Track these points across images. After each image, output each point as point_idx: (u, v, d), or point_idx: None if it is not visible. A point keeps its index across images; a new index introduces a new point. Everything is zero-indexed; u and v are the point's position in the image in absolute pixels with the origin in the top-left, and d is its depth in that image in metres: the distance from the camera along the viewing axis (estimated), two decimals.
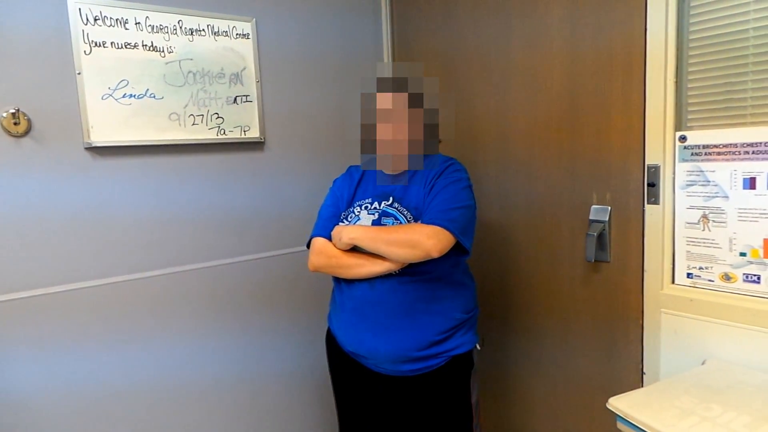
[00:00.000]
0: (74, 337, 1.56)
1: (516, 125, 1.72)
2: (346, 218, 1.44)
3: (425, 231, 1.27)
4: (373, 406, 1.48)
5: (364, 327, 1.37)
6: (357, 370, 1.45)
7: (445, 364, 1.39)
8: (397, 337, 1.34)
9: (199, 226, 1.76)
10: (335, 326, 1.48)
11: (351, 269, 1.36)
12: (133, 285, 1.65)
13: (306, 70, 1.96)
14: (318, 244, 1.43)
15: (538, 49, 1.63)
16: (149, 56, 1.61)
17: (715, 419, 1.02)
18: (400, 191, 1.42)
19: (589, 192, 1.55)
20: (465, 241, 1.31)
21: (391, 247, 1.28)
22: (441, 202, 1.32)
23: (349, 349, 1.44)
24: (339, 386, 1.55)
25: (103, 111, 1.54)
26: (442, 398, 1.40)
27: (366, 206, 1.43)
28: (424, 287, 1.35)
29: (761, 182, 1.20)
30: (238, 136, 1.80)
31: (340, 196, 1.50)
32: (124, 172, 1.61)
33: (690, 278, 1.35)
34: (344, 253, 1.37)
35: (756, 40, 1.19)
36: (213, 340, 1.81)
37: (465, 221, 1.32)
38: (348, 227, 1.37)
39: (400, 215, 1.38)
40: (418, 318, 1.35)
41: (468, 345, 1.43)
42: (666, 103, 1.34)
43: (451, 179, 1.37)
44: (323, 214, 1.49)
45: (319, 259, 1.41)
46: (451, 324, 1.38)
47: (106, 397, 1.62)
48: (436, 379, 1.39)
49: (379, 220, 1.39)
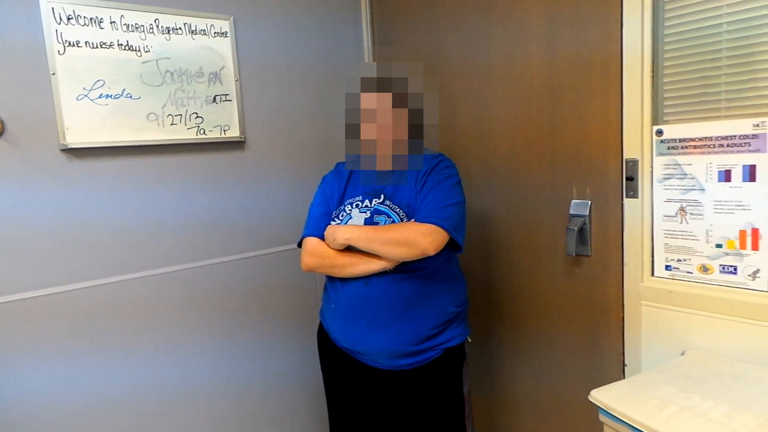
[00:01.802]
0: (50, 343, 1.53)
1: (496, 122, 1.73)
2: (338, 216, 1.44)
3: (421, 229, 1.28)
4: (366, 400, 1.48)
5: (360, 323, 1.38)
6: (350, 365, 1.45)
7: (438, 357, 1.40)
8: (394, 333, 1.35)
9: (179, 227, 1.74)
10: (329, 322, 1.48)
11: (345, 269, 1.36)
12: (113, 288, 1.62)
13: (286, 69, 1.95)
14: (311, 244, 1.42)
15: (518, 46, 1.64)
16: (125, 56, 1.58)
17: (694, 409, 1.04)
18: (391, 188, 1.42)
19: (569, 187, 1.56)
20: (458, 237, 1.33)
21: (388, 247, 1.29)
22: (434, 199, 1.34)
23: (344, 345, 1.44)
24: (331, 382, 1.55)
25: (78, 112, 1.52)
26: (436, 390, 1.42)
27: (357, 204, 1.43)
28: (418, 283, 1.36)
29: (736, 174, 1.22)
30: (218, 136, 1.78)
31: (330, 195, 1.49)
32: (101, 173, 1.59)
33: (669, 270, 1.37)
34: (338, 253, 1.37)
35: (729, 35, 1.21)
36: (196, 342, 1.79)
37: (458, 218, 1.34)
38: (342, 227, 1.37)
39: (393, 213, 1.38)
40: (413, 313, 1.36)
41: (461, 337, 1.45)
42: (643, 97, 1.35)
43: (442, 176, 1.38)
44: (314, 212, 1.48)
45: (313, 259, 1.40)
46: (445, 318, 1.40)
47: (87, 402, 1.59)
48: (430, 371, 1.40)
49: (371, 219, 1.38)
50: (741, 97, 1.21)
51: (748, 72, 1.19)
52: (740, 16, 1.19)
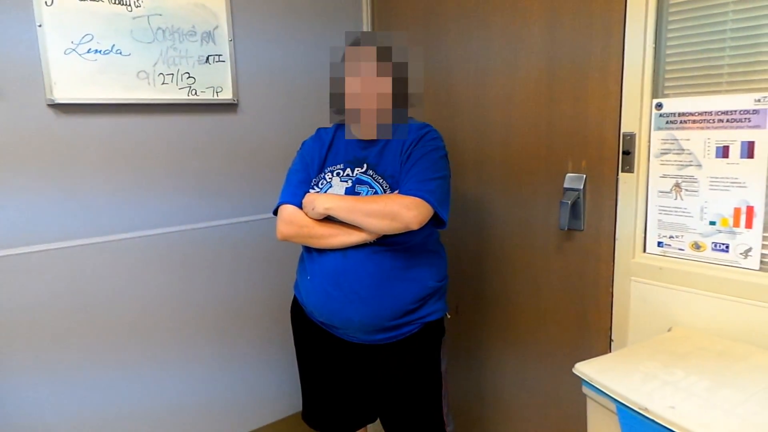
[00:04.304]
0: (35, 298, 1.53)
1: (493, 92, 1.69)
2: (317, 185, 1.38)
3: (405, 202, 1.24)
4: (341, 376, 1.46)
5: (337, 297, 1.33)
6: (326, 339, 1.43)
7: (417, 332, 1.38)
8: (372, 306, 1.32)
9: (169, 188, 1.72)
10: (304, 295, 1.43)
11: (324, 239, 1.32)
12: (102, 247, 1.61)
13: (281, 30, 1.90)
14: (287, 212, 1.36)
15: (517, 14, 1.59)
16: (115, 10, 1.54)
17: (677, 383, 1.03)
18: (374, 158, 1.37)
19: (564, 160, 1.53)
20: (443, 212, 1.29)
21: (369, 219, 1.25)
22: (419, 171, 1.29)
23: (320, 319, 1.40)
24: (305, 357, 1.52)
25: (66, 66, 1.48)
26: (414, 365, 1.40)
27: (338, 173, 1.38)
28: (398, 256, 1.32)
29: (734, 151, 1.19)
30: (210, 98, 1.75)
31: (311, 161, 1.43)
32: (90, 130, 1.56)
33: (661, 247, 1.36)
34: (316, 223, 1.32)
35: (735, 6, 1.17)
36: (184, 294, 1.79)
37: (443, 192, 1.30)
38: (321, 196, 1.32)
39: (376, 184, 1.34)
40: (393, 286, 1.32)
41: (440, 312, 1.43)
42: (644, 69, 1.32)
43: (428, 147, 1.34)
44: (292, 179, 1.42)
45: (290, 228, 1.35)
46: (425, 292, 1.37)
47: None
48: (408, 346, 1.38)
49: (353, 188, 1.34)
50: (743, 71, 1.17)
51: (751, 45, 1.15)
52: None
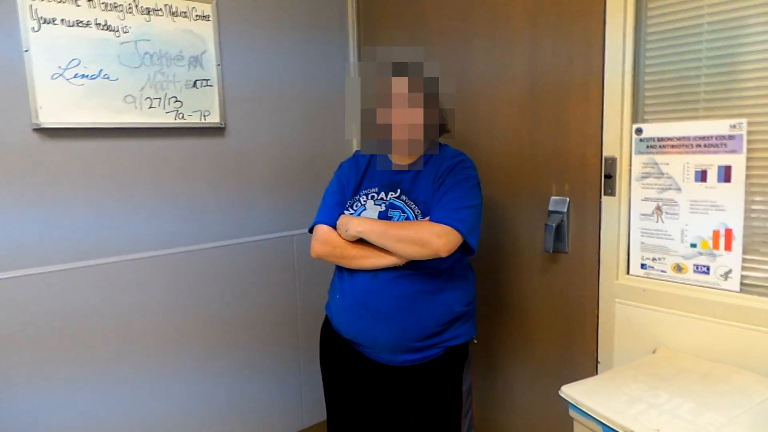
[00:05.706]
0: (22, 331, 1.50)
1: (478, 117, 1.72)
2: (352, 206, 1.42)
3: (435, 230, 1.26)
4: (364, 394, 1.47)
5: (364, 316, 1.36)
6: (352, 357, 1.44)
7: (440, 355, 1.39)
8: (397, 327, 1.34)
9: (156, 212, 1.71)
10: (334, 313, 1.46)
11: (355, 260, 1.35)
12: (85, 272, 1.59)
13: (269, 55, 1.93)
14: (322, 231, 1.40)
15: (500, 39, 1.63)
16: (103, 35, 1.55)
17: (661, 406, 1.04)
18: (408, 183, 1.40)
19: (548, 183, 1.56)
20: (472, 241, 1.31)
21: (400, 244, 1.28)
22: (451, 200, 1.31)
23: (348, 336, 1.42)
24: (330, 375, 1.53)
25: (52, 91, 1.48)
26: (434, 388, 1.40)
27: (373, 196, 1.41)
28: (426, 280, 1.34)
29: (712, 175, 1.22)
30: (198, 121, 1.75)
31: (347, 183, 1.46)
32: (76, 155, 1.56)
33: (644, 269, 1.38)
34: (349, 244, 1.35)
35: (709, 35, 1.21)
36: (168, 317, 1.77)
37: (473, 221, 1.32)
38: (355, 219, 1.35)
39: (408, 209, 1.37)
40: (419, 309, 1.34)
41: (465, 336, 1.43)
42: (623, 95, 1.35)
43: (461, 177, 1.36)
44: (328, 200, 1.46)
45: (324, 248, 1.38)
46: (450, 316, 1.38)
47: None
48: (430, 369, 1.39)
49: (386, 212, 1.37)
50: (719, 98, 1.21)
51: (726, 73, 1.19)
52: (721, 17, 1.19)
